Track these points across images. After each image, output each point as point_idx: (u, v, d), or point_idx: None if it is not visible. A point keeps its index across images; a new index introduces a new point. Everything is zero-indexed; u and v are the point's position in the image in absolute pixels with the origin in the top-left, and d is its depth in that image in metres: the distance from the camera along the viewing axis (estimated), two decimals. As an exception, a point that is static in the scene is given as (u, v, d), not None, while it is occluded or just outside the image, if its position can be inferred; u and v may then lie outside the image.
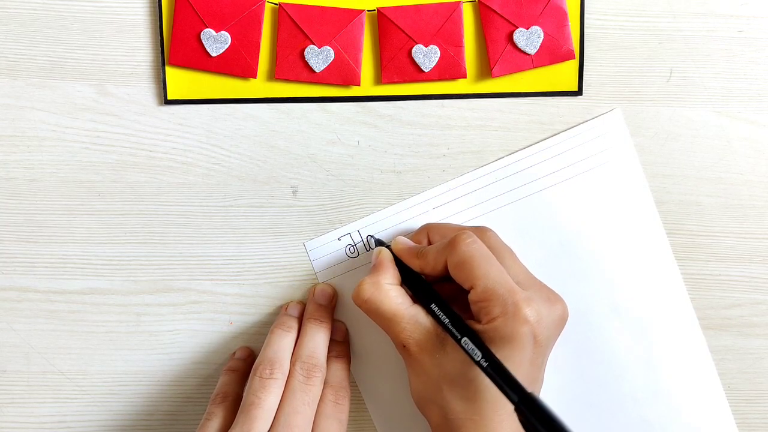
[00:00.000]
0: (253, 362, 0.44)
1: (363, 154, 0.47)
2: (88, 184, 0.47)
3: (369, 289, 0.42)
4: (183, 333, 0.48)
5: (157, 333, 0.48)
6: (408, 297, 0.42)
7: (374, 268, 0.44)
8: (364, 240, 0.47)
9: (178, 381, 0.48)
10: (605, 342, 0.40)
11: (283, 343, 0.44)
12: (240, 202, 0.47)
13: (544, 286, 0.42)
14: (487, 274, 0.39)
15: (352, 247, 0.47)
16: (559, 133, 0.47)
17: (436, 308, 0.41)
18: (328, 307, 0.46)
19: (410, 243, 0.44)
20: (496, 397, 0.38)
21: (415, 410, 0.47)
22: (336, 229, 0.47)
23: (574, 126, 0.47)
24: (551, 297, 0.41)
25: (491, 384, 0.37)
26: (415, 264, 0.43)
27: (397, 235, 0.45)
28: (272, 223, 0.47)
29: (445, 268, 0.41)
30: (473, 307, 0.40)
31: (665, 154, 0.47)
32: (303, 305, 0.47)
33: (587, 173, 0.47)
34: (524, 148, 0.47)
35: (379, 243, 0.46)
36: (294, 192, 0.47)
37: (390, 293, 0.42)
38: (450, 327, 0.40)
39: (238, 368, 0.46)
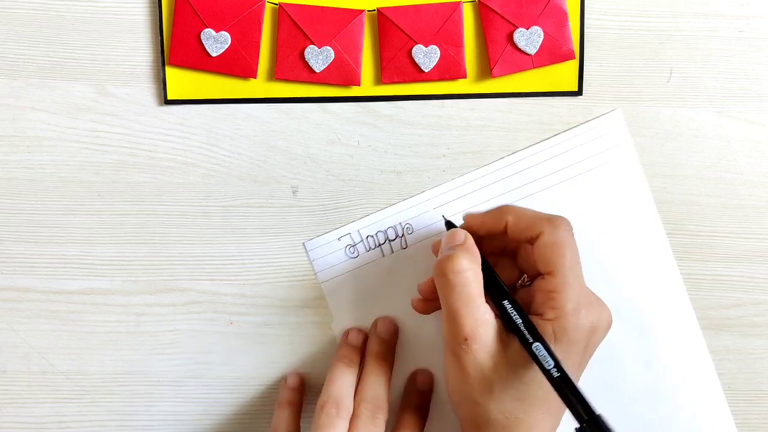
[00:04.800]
0: (304, 390, 0.46)
1: (363, 154, 0.47)
2: (88, 184, 0.47)
3: (467, 264, 0.39)
4: (183, 333, 0.48)
5: (157, 333, 0.48)
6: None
7: (463, 246, 0.40)
8: (364, 240, 0.47)
9: (178, 381, 0.48)
10: (605, 342, 0.41)
11: (346, 380, 0.43)
12: (240, 202, 0.47)
13: (591, 291, 0.41)
14: (572, 267, 0.39)
15: (351, 248, 0.47)
16: (559, 134, 0.47)
17: (510, 306, 0.39)
18: (391, 342, 0.46)
19: (483, 217, 0.43)
20: (544, 397, 0.38)
21: None
22: (336, 229, 0.47)
23: (575, 126, 0.47)
24: (599, 303, 0.40)
25: (543, 387, 0.37)
26: (499, 223, 0.41)
27: (468, 213, 0.44)
28: (272, 223, 0.47)
29: (525, 238, 0.40)
30: (540, 295, 0.39)
31: (665, 154, 0.47)
32: (364, 334, 0.46)
33: (587, 173, 0.47)
34: (525, 148, 0.47)
35: (450, 225, 0.44)
36: (294, 192, 0.47)
37: (480, 278, 0.39)
38: (522, 329, 0.38)
39: (294, 401, 0.46)
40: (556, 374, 0.37)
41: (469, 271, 0.39)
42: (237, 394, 0.48)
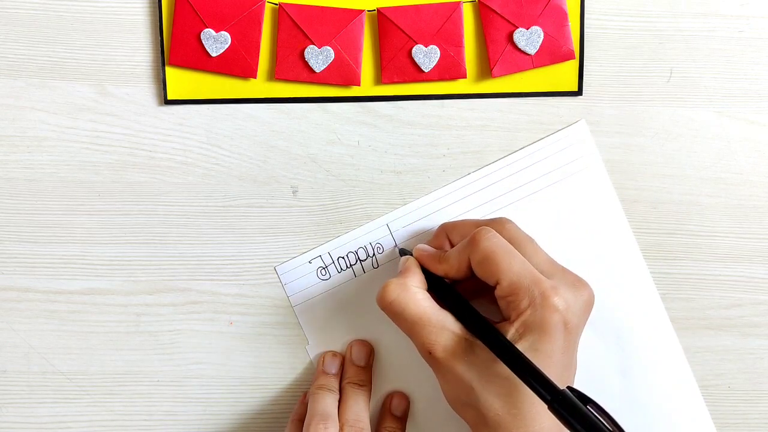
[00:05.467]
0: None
1: (363, 154, 0.47)
2: (88, 184, 0.47)
3: (395, 290, 0.41)
4: (183, 333, 0.48)
5: (157, 333, 0.48)
6: (434, 302, 0.41)
7: (401, 272, 0.43)
8: (335, 261, 0.47)
9: (178, 381, 0.48)
10: (580, 353, 0.41)
11: (329, 401, 0.44)
12: (240, 202, 0.47)
13: (568, 271, 0.41)
14: (510, 267, 0.39)
15: (323, 270, 0.47)
16: (525, 147, 0.47)
17: (463, 311, 0.40)
18: (367, 366, 0.47)
19: (431, 249, 0.44)
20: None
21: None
22: (306, 252, 0.47)
23: (538, 140, 0.47)
24: (576, 282, 0.40)
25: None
26: (439, 269, 0.42)
27: (418, 244, 0.45)
28: (272, 223, 0.47)
29: (469, 268, 0.41)
30: (501, 303, 0.40)
31: (665, 154, 0.47)
32: (340, 358, 0.47)
33: (553, 186, 0.47)
34: (490, 163, 0.47)
35: (404, 252, 0.46)
36: (294, 192, 0.47)
37: (417, 296, 0.41)
38: (479, 331, 0.39)
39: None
40: (516, 365, 0.37)
41: (402, 293, 0.40)
42: (237, 394, 0.48)
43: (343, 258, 0.47)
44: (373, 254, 0.47)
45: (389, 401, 0.47)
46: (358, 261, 0.47)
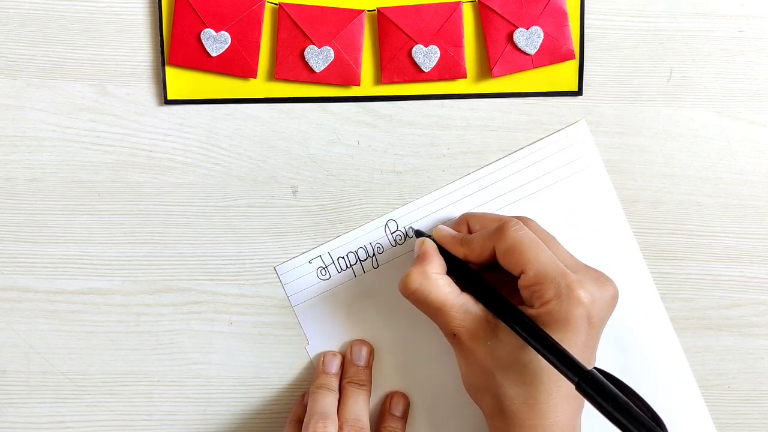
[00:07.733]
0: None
1: (363, 154, 0.47)
2: (88, 184, 0.47)
3: (417, 279, 0.41)
4: (183, 333, 0.48)
5: (157, 333, 0.48)
6: (456, 286, 0.42)
7: (419, 258, 0.43)
8: (335, 261, 0.47)
9: (178, 381, 0.48)
10: None
11: (328, 401, 0.44)
12: (240, 202, 0.47)
13: (591, 268, 0.41)
14: (537, 258, 0.39)
15: (323, 270, 0.47)
16: (525, 147, 0.47)
17: (486, 294, 0.41)
18: (367, 366, 0.47)
19: (453, 231, 0.44)
20: (551, 379, 0.38)
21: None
22: (306, 252, 0.47)
23: (540, 139, 0.47)
24: (601, 278, 0.41)
25: (546, 367, 0.37)
26: (459, 252, 0.42)
27: (438, 224, 0.45)
28: (272, 223, 0.47)
29: (491, 255, 0.41)
30: (524, 293, 0.40)
31: (665, 154, 0.47)
32: (340, 357, 0.47)
33: (554, 185, 0.47)
34: (491, 163, 0.47)
35: (420, 234, 0.46)
36: (294, 192, 0.47)
37: (438, 282, 0.41)
38: (502, 312, 0.40)
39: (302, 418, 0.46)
40: (541, 346, 0.37)
41: (424, 281, 0.41)
42: (237, 394, 0.48)
43: (343, 258, 0.47)
44: (373, 254, 0.47)
45: (389, 401, 0.47)
46: (358, 261, 0.47)
